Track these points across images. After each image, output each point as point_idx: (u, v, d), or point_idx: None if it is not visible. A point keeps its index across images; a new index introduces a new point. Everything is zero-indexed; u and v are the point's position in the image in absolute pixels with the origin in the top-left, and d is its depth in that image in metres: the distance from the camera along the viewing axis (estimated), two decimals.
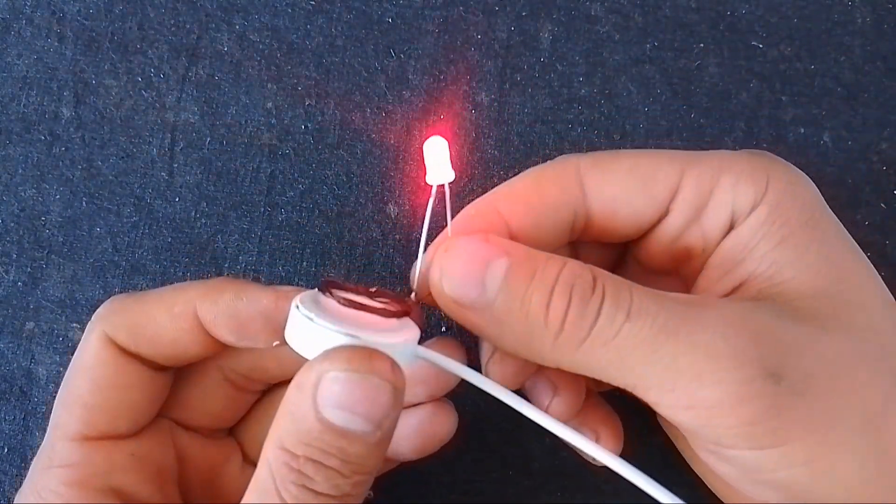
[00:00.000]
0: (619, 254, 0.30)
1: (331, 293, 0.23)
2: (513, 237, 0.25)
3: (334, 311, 0.23)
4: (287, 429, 0.21)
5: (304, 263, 0.35)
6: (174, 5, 0.38)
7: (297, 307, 0.22)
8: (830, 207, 0.26)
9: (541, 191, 0.26)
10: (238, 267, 0.35)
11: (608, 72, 0.37)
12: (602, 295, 0.22)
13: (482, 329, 0.24)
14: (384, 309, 0.23)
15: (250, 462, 0.29)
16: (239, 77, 0.37)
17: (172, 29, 0.37)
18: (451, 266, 0.23)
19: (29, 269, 0.35)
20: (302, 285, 0.34)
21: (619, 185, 0.25)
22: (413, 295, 0.25)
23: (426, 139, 0.23)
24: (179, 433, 0.27)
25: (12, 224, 0.36)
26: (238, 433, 0.30)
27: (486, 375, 0.27)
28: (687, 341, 0.21)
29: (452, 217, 0.25)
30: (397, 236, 0.35)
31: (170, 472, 0.27)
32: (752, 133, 0.36)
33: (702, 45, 0.37)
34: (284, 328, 0.23)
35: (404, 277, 0.34)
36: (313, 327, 0.22)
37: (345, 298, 0.23)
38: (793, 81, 0.36)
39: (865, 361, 0.22)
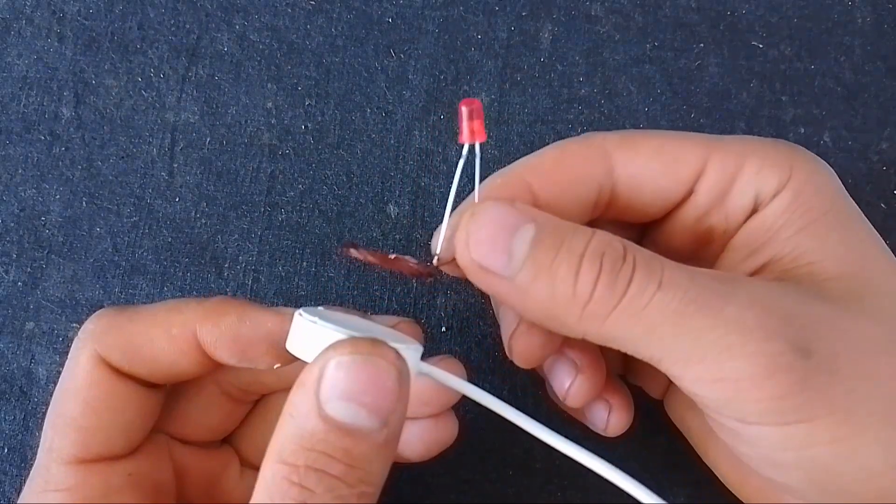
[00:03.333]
0: (637, 237, 0.29)
1: (350, 250, 0.23)
2: (538, 207, 0.24)
3: (339, 319, 0.23)
4: (287, 435, 0.20)
5: (304, 263, 0.35)
6: (174, 5, 0.38)
7: (301, 314, 0.22)
8: None
9: (567, 164, 0.26)
10: (238, 267, 0.35)
11: (608, 71, 0.37)
12: (633, 265, 0.22)
13: (507, 297, 0.23)
14: (407, 264, 0.22)
15: (249, 466, 0.29)
16: (239, 77, 0.37)
17: (172, 29, 0.37)
18: (477, 231, 0.23)
19: (29, 269, 0.35)
20: (302, 285, 0.34)
21: (645, 165, 0.25)
22: (436, 260, 0.25)
23: (463, 102, 0.23)
24: (176, 447, 0.27)
25: (12, 224, 0.35)
26: (234, 439, 0.29)
27: (510, 350, 0.26)
28: (717, 315, 0.21)
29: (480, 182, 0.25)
30: (397, 236, 0.35)
31: (168, 488, 0.26)
32: (753, 133, 0.36)
33: (702, 44, 0.37)
34: (286, 343, 0.23)
35: (404, 278, 0.35)
36: (317, 330, 0.21)
37: (366, 251, 0.22)
38: (793, 81, 0.36)
39: (889, 347, 0.22)
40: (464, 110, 0.22)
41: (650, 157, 0.25)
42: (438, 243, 0.25)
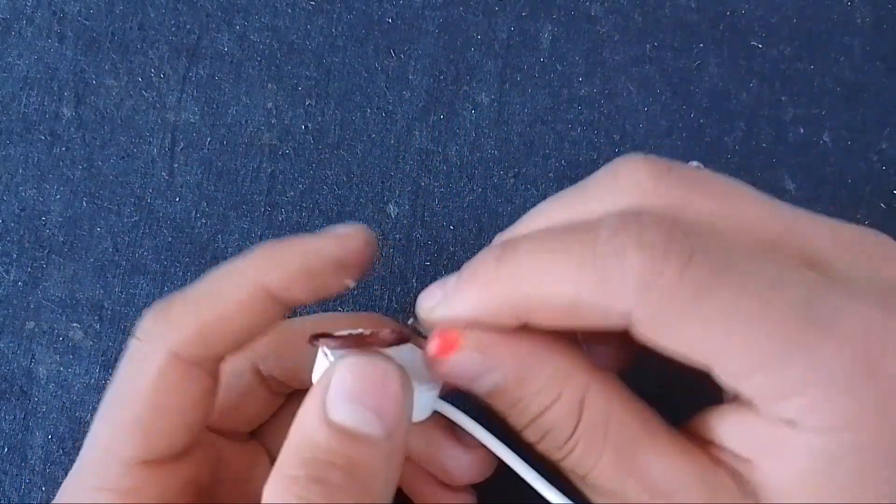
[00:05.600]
0: None
1: (316, 342, 0.22)
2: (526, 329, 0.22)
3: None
4: (290, 445, 0.20)
5: None
6: (174, 5, 0.38)
7: (321, 347, 0.22)
8: (830, 208, 0.25)
9: (579, 318, 0.21)
10: None
11: (608, 72, 0.37)
12: (571, 449, 0.21)
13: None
14: (374, 335, 0.22)
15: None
16: (239, 77, 0.37)
17: (173, 29, 0.38)
18: (438, 368, 0.22)
19: (29, 269, 0.35)
20: None
21: (672, 351, 0.20)
22: (410, 321, 0.24)
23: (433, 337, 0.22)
24: (217, 442, 0.26)
25: (12, 224, 0.36)
26: (261, 434, 0.29)
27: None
28: None
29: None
30: (397, 236, 0.35)
31: (208, 487, 0.25)
32: (752, 133, 0.36)
33: (702, 44, 0.37)
34: (358, 265, 0.23)
35: (404, 277, 0.35)
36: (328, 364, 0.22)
37: (335, 337, 0.22)
38: (793, 81, 0.36)
39: None
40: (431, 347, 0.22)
41: (680, 348, 0.20)
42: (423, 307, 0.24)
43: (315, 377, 0.23)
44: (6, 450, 0.33)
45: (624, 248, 0.19)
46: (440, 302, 0.22)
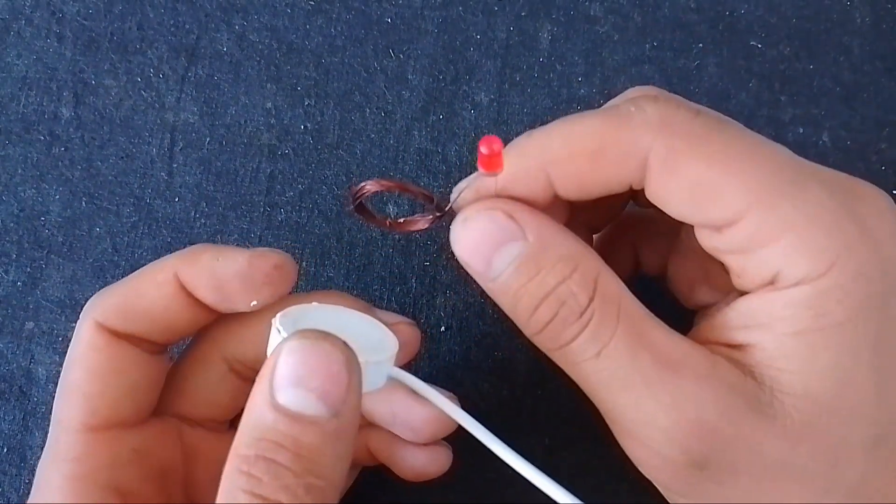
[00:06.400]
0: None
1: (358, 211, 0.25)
2: (557, 195, 0.24)
3: (321, 318, 0.24)
4: (243, 426, 0.21)
5: (304, 263, 0.35)
6: (174, 5, 0.38)
7: (274, 321, 0.23)
8: None
9: (599, 166, 0.23)
10: None
11: (607, 72, 0.37)
12: (585, 324, 0.23)
13: (485, 288, 0.25)
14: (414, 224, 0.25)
15: None
16: (238, 77, 0.37)
17: (172, 29, 0.37)
18: (465, 237, 0.24)
19: (28, 269, 0.35)
20: (301, 285, 0.34)
21: (678, 193, 0.23)
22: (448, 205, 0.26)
23: (483, 139, 0.23)
24: (187, 431, 0.27)
25: (12, 224, 0.36)
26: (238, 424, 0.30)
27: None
28: (637, 403, 0.22)
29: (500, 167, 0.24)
30: (397, 236, 0.35)
31: (174, 473, 0.26)
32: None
33: (701, 45, 0.37)
34: (265, 288, 0.25)
35: (404, 277, 0.35)
36: (280, 339, 0.22)
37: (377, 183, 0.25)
38: (792, 81, 0.36)
39: (801, 472, 0.22)
40: (483, 150, 0.23)
41: (687, 186, 0.22)
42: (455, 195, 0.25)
43: (269, 352, 0.23)
44: (6, 450, 0.33)
45: (643, 105, 0.23)
46: (473, 180, 0.24)
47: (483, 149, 0.22)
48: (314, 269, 0.35)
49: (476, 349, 0.33)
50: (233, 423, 0.29)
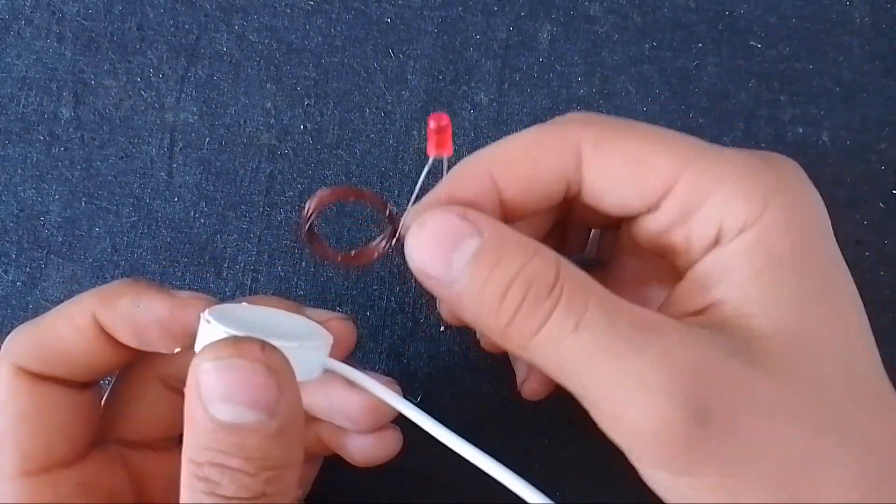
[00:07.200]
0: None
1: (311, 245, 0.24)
2: (503, 202, 0.25)
3: (248, 316, 0.23)
4: (188, 436, 0.21)
5: (304, 263, 0.35)
6: (173, 6, 0.38)
7: (203, 313, 0.22)
8: (829, 207, 0.25)
9: (537, 160, 0.25)
10: (237, 267, 0.35)
11: (607, 72, 0.37)
12: (558, 299, 0.22)
13: (446, 301, 0.25)
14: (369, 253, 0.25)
15: None
16: (238, 77, 0.37)
17: (171, 29, 0.37)
18: (420, 241, 0.24)
19: (28, 269, 0.35)
20: (301, 285, 0.35)
21: (613, 170, 0.24)
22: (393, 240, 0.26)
23: (431, 116, 0.23)
24: (131, 454, 0.27)
25: (11, 224, 0.36)
26: None
27: (521, 390, 0.29)
28: (625, 366, 0.22)
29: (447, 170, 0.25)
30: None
31: (125, 497, 0.26)
32: (751, 133, 0.36)
33: (700, 44, 0.37)
34: (187, 335, 0.24)
35: (403, 277, 0.35)
36: (209, 330, 0.22)
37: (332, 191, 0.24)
38: (791, 81, 0.36)
39: (793, 412, 0.22)
40: (431, 125, 0.23)
41: (620, 163, 0.24)
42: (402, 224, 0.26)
43: (198, 346, 0.23)
44: None
45: (571, 115, 0.26)
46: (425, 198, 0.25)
47: (432, 123, 0.23)
48: (314, 269, 0.35)
49: (475, 349, 0.33)
50: (181, 437, 0.29)
